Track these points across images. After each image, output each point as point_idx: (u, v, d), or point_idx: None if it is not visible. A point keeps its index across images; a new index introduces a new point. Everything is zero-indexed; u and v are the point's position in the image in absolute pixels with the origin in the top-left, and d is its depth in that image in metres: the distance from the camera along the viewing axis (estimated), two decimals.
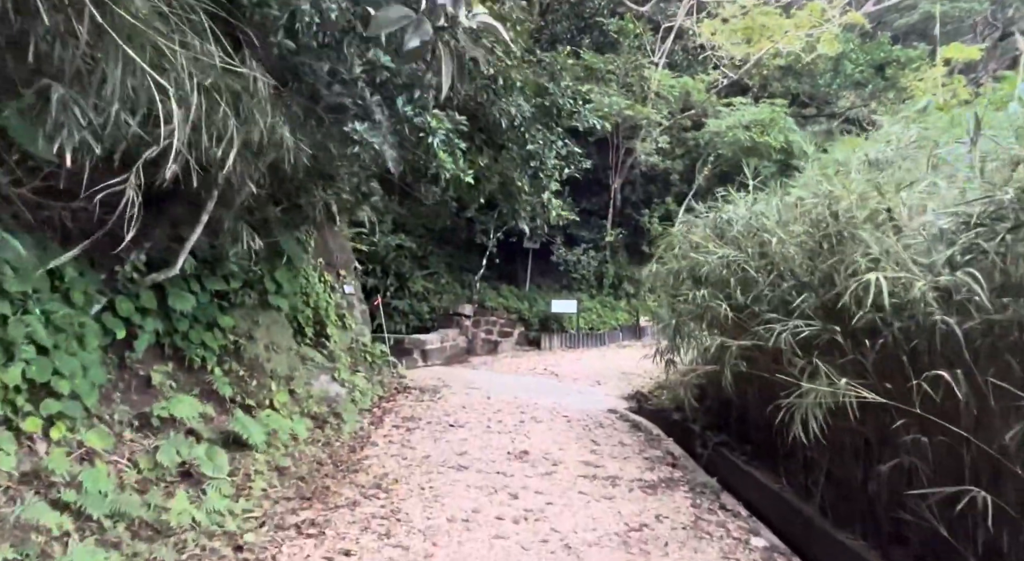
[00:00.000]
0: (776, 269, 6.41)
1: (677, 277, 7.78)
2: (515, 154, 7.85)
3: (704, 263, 6.87)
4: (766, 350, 5.66)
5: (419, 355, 15.22)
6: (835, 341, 4.81)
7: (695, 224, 8.03)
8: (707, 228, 7.50)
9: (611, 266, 17.78)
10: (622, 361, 13.61)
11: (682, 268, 7.57)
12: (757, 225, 6.81)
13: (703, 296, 6.59)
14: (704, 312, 6.67)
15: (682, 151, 17.56)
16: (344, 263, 11.30)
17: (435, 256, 18.56)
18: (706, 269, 6.82)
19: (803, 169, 8.75)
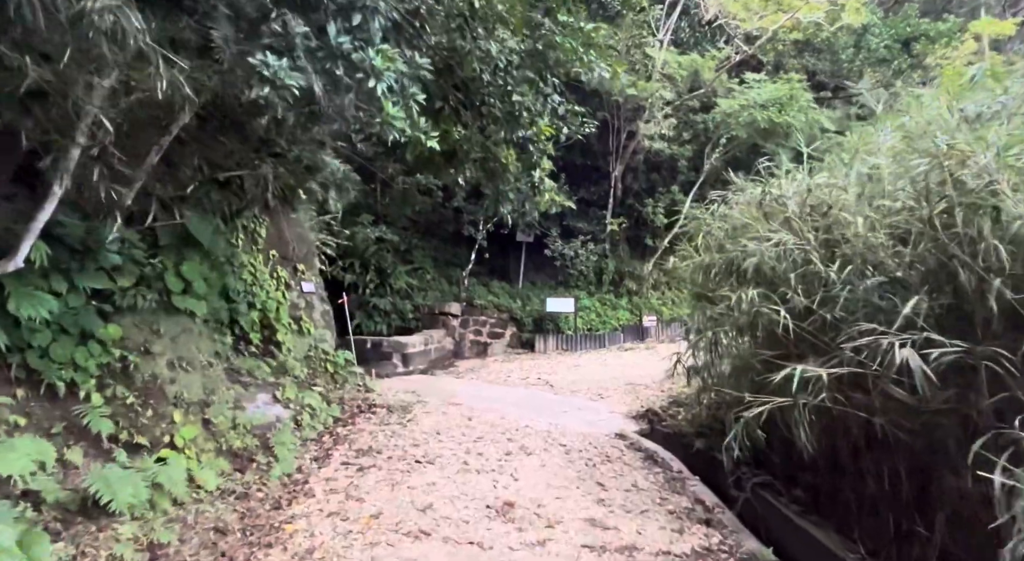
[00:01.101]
0: (852, 260, 4.60)
1: (708, 274, 5.96)
2: (497, 111, 6.00)
3: (750, 254, 5.06)
4: (861, 377, 3.86)
5: (399, 359, 13.40)
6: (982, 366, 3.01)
7: (731, 203, 6.22)
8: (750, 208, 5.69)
9: (611, 261, 15.98)
10: (626, 368, 11.81)
11: (716, 262, 5.75)
12: (824, 202, 5.00)
13: (751, 298, 4.77)
14: (753, 320, 4.85)
15: (689, 135, 15.76)
16: (303, 256, 9.45)
17: (420, 250, 16.73)
18: (752, 262, 5.01)
19: (827, 151, 7.01)
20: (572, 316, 15.09)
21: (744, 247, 5.09)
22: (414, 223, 17.25)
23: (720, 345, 5.65)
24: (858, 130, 7.52)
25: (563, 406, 8.86)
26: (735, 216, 5.90)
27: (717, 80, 15.43)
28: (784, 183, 5.76)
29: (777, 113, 13.50)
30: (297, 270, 9.21)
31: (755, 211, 5.51)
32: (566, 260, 15.22)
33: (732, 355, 5.58)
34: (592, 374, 11.18)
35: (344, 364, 9.06)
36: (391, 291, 15.39)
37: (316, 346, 8.93)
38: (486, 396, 9.36)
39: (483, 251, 15.67)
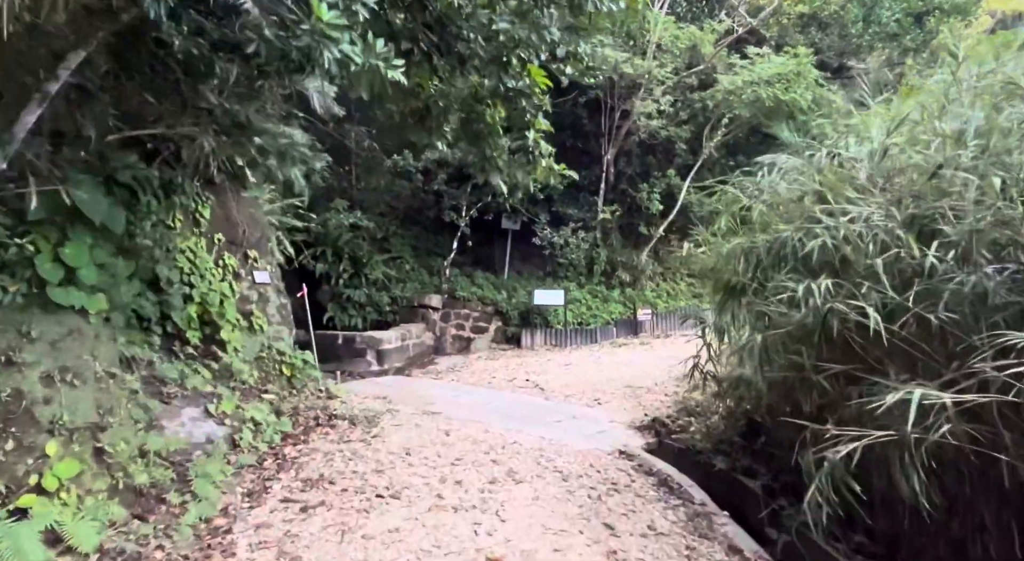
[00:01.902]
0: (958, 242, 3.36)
1: (747, 260, 4.70)
2: (480, 50, 4.67)
3: (813, 233, 3.80)
4: None
5: (374, 357, 12.06)
6: None
7: (781, 171, 4.98)
8: (809, 175, 4.43)
9: (603, 250, 14.72)
10: (622, 367, 10.57)
11: (759, 245, 4.49)
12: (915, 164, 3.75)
13: (823, 289, 3.50)
14: (824, 320, 3.58)
15: (687, 115, 14.50)
16: (257, 241, 8.08)
17: (398, 238, 15.36)
18: (817, 244, 3.74)
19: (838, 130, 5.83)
20: (562, 309, 13.83)
21: (808, 223, 3.82)
22: (392, 209, 15.86)
23: (762, 350, 4.38)
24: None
25: (556, 414, 7.59)
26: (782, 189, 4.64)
27: (717, 56, 14.16)
28: (851, 142, 4.50)
29: (783, 90, 12.28)
30: (248, 257, 7.83)
31: (818, 178, 4.24)
32: (556, 249, 13.93)
33: (780, 364, 4.33)
34: (586, 374, 9.93)
35: (303, 366, 7.72)
36: (366, 282, 14.03)
37: (270, 345, 7.58)
38: (467, 402, 8.06)
39: (466, 239, 14.34)
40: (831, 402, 3.61)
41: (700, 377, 6.48)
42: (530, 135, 5.55)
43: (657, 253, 15.62)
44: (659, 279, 15.37)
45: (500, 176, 5.80)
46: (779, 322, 4.08)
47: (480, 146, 5.68)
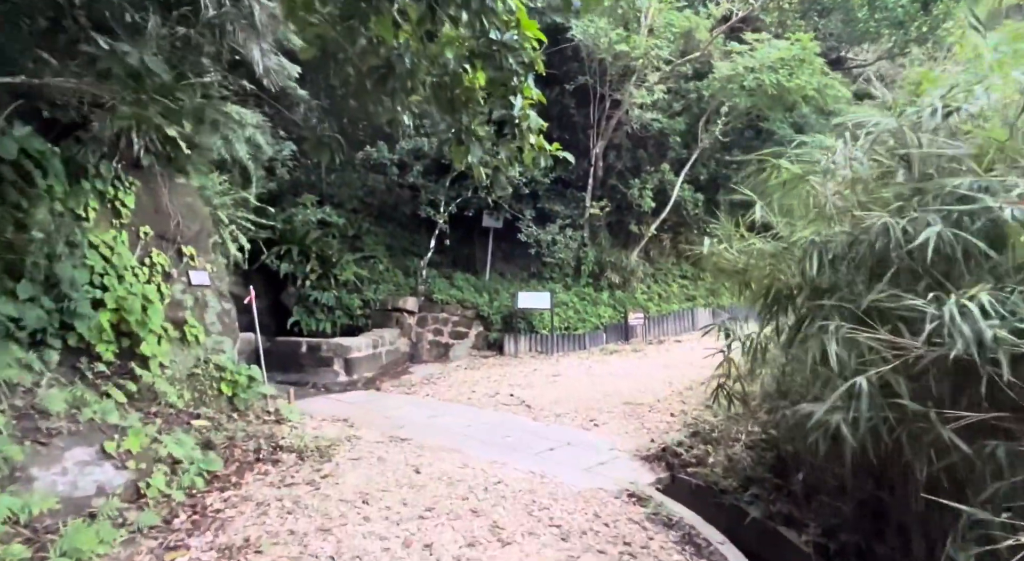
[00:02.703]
0: None
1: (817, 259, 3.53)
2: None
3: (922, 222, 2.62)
4: None
5: (341, 366, 10.77)
6: None
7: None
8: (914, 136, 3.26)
9: (591, 250, 13.56)
10: (617, 379, 9.39)
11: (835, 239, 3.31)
12: None
13: (979, 307, 2.33)
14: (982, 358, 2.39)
15: (681, 106, 13.41)
16: (195, 236, 6.75)
17: (371, 236, 14.06)
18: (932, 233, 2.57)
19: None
20: (548, 313, 12.63)
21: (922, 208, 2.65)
22: (366, 205, 14.55)
23: (867, 392, 3.19)
24: None
25: (547, 440, 6.38)
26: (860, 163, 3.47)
27: (714, 43, 13.08)
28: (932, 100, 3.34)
29: (787, 77, 11.21)
30: (184, 255, 6.51)
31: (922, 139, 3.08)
32: (543, 247, 12.72)
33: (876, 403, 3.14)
34: (577, 388, 8.73)
35: (248, 383, 6.41)
36: (336, 283, 12.72)
37: (207, 360, 6.27)
38: (443, 425, 6.82)
39: (444, 237, 13.10)
40: (969, 469, 2.46)
41: (726, 400, 5.31)
42: (517, 102, 4.33)
43: (648, 253, 14.50)
44: (650, 281, 14.24)
45: (480, 151, 4.56)
46: (887, 350, 2.89)
47: (456, 115, 4.45)
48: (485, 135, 4.48)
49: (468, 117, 4.33)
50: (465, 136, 4.37)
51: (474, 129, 4.38)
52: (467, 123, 4.34)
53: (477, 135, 4.39)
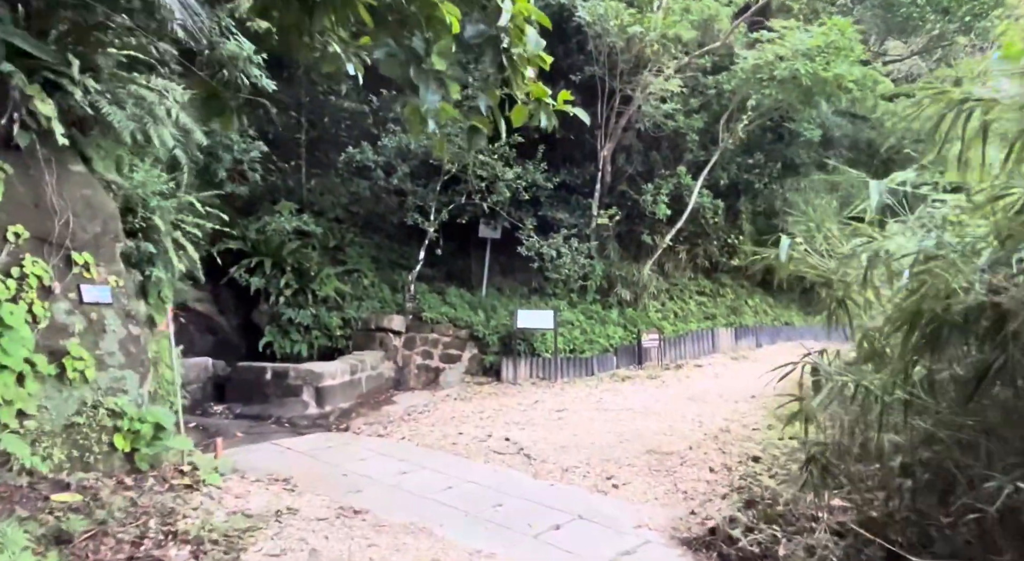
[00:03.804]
0: None
1: None
2: None
3: None
4: None
5: (312, 396, 9.10)
6: None
7: None
8: None
9: (599, 263, 11.91)
10: (635, 414, 7.67)
11: None
12: None
13: None
14: None
15: (699, 102, 11.84)
16: (93, 240, 5.10)
17: (355, 247, 12.44)
18: None
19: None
20: (551, 334, 10.94)
21: None
22: (351, 214, 12.94)
23: None
24: None
25: (551, 511, 4.67)
26: None
27: (735, 32, 11.52)
28: None
29: (824, 66, 9.62)
30: (74, 264, 4.85)
31: None
32: (546, 261, 11.04)
33: None
34: (588, 429, 7.01)
35: (153, 435, 4.72)
36: (314, 300, 11.08)
37: (97, 403, 4.57)
38: (416, 486, 5.11)
39: (435, 248, 11.45)
40: None
41: (819, 472, 3.61)
42: (506, 5, 2.68)
43: (662, 267, 12.82)
44: (665, 297, 12.55)
45: (437, 93, 2.85)
46: None
47: (401, 40, 2.79)
48: (449, 71, 2.81)
49: (419, 37, 2.67)
50: (413, 70, 2.70)
51: (424, 54, 2.70)
52: (418, 46, 2.67)
53: (428, 70, 2.72)
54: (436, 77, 2.74)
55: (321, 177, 12.82)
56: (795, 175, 12.81)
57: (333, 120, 12.48)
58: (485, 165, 10.51)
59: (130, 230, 7.04)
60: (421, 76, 2.68)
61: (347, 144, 11.74)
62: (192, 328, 10.63)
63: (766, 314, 13.47)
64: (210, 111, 3.52)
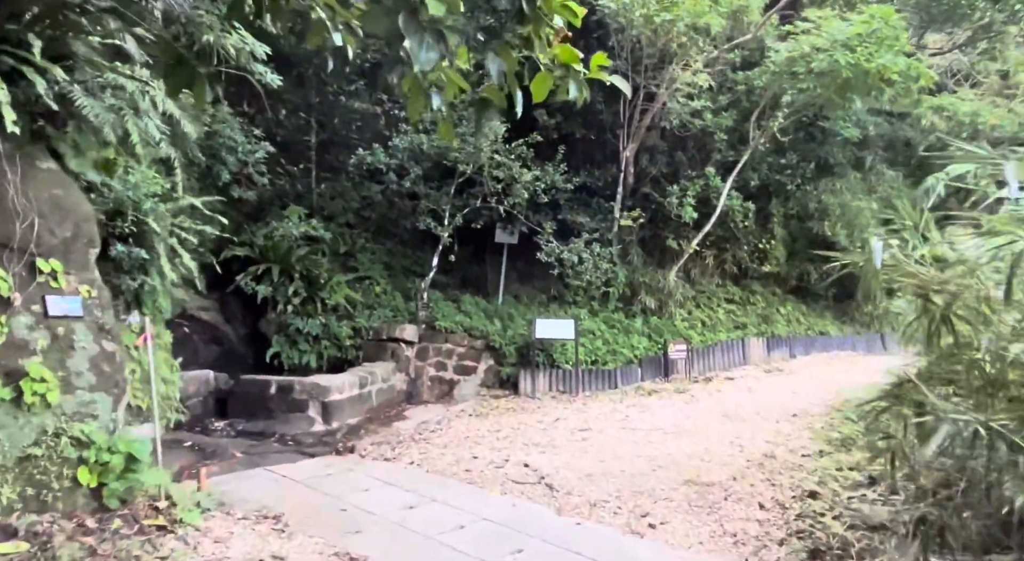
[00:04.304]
0: None
1: None
2: None
3: None
4: None
5: (318, 412, 8.49)
6: None
7: None
8: None
9: (621, 269, 11.20)
10: (666, 435, 6.92)
11: None
12: None
13: None
14: None
15: (727, 100, 11.10)
16: (63, 244, 4.51)
17: (367, 253, 11.85)
18: None
19: None
20: (571, 344, 10.24)
21: None
22: (363, 219, 12.37)
23: None
24: None
25: (579, 559, 3.98)
26: None
27: (767, 25, 10.79)
28: None
29: (866, 57, 8.85)
30: (38, 272, 4.26)
31: None
32: (567, 267, 10.33)
33: None
34: (616, 452, 6.29)
35: (124, 467, 4.10)
36: (323, 308, 10.49)
37: (60, 431, 3.96)
38: (423, 526, 4.42)
39: (448, 253, 10.82)
40: None
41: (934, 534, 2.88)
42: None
43: (688, 273, 12.06)
44: (691, 305, 11.79)
45: (436, 50, 2.12)
46: None
47: None
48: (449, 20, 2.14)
49: None
50: (403, 20, 2.03)
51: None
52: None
53: (430, 14, 2.05)
54: (433, 28, 2.08)
55: (331, 181, 12.27)
56: (829, 176, 12.00)
57: (344, 121, 11.93)
58: (501, 166, 9.85)
59: (120, 234, 6.52)
60: (412, 27, 2.03)
61: (358, 146, 11.17)
62: (196, 338, 10.09)
63: (799, 323, 12.63)
64: (177, 81, 2.89)
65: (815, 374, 10.65)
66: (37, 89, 4.08)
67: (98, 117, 4.50)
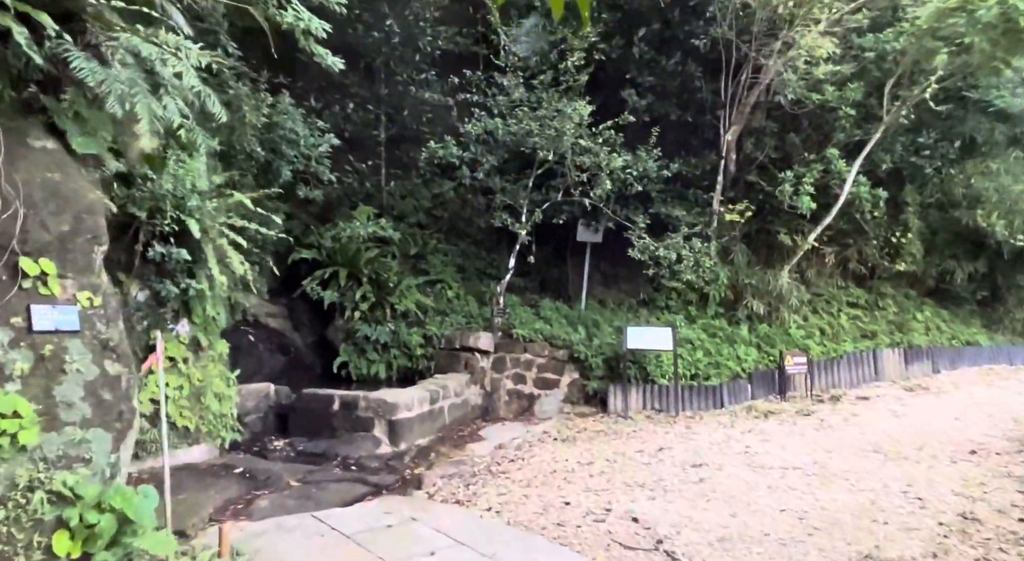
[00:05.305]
0: None
1: None
2: None
3: None
4: None
5: (384, 431, 7.45)
6: None
7: None
8: None
9: (722, 269, 9.60)
10: (808, 478, 5.34)
11: None
12: None
13: None
14: None
15: (852, 69, 9.28)
16: (58, 242, 3.53)
17: (438, 255, 10.81)
18: None
19: None
20: (668, 356, 8.75)
21: None
22: (434, 219, 11.36)
23: None
24: None
25: None
26: None
27: None
28: None
29: None
30: (21, 274, 3.30)
31: None
32: (662, 266, 8.84)
33: None
34: (747, 502, 4.80)
35: (116, 529, 3.05)
36: (392, 314, 9.52)
37: (37, 482, 2.95)
38: None
39: (526, 253, 9.58)
40: None
41: None
42: None
43: (803, 272, 10.27)
44: (807, 311, 9.99)
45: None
46: None
47: None
48: None
49: None
50: None
51: None
52: None
53: None
54: None
55: (401, 178, 11.33)
56: (978, 156, 9.90)
57: (413, 114, 10.94)
58: (586, 152, 8.50)
59: (161, 234, 5.68)
60: None
61: (429, 141, 10.16)
62: (261, 347, 9.32)
63: (940, 331, 10.51)
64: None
65: (973, 394, 8.65)
66: (16, 39, 3.13)
67: (107, 84, 3.54)
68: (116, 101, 3.58)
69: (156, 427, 5.82)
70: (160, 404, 3.70)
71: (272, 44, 5.81)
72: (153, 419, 5.80)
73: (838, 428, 7.11)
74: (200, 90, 4.13)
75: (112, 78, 3.62)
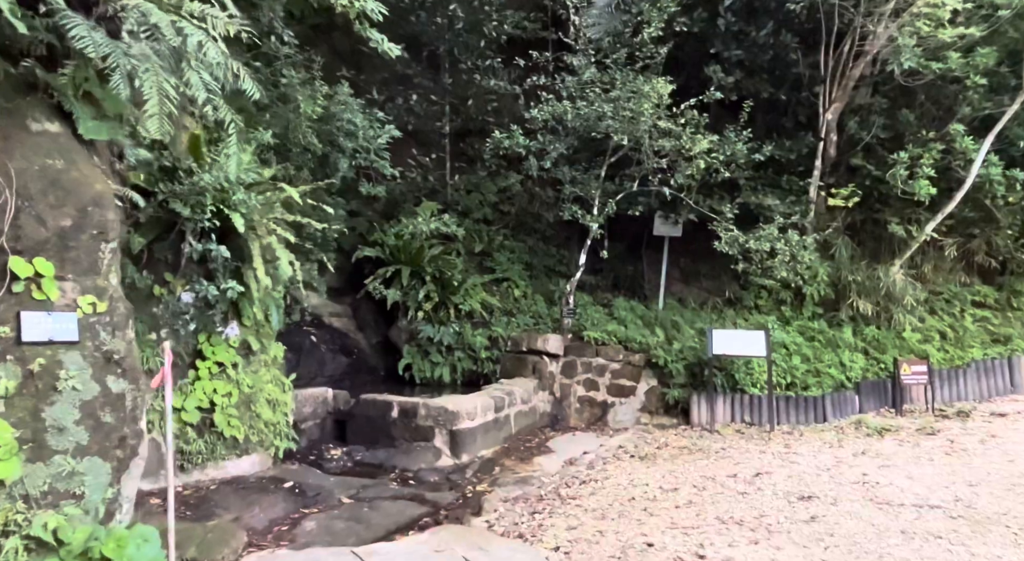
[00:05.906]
0: None
1: None
2: None
3: None
4: None
5: (445, 442, 6.84)
6: None
7: None
8: None
9: (820, 264, 8.36)
10: (957, 525, 4.24)
11: None
12: None
13: None
14: None
15: (982, 31, 7.80)
16: (57, 238, 3.02)
17: (505, 252, 10.13)
18: None
19: None
20: (762, 362, 7.66)
21: None
22: (501, 214, 10.68)
23: None
24: None
25: None
26: None
27: None
28: None
29: None
30: (11, 275, 2.81)
31: None
32: (753, 261, 7.73)
33: None
34: (879, 550, 3.80)
35: None
36: (457, 315, 8.93)
37: (13, 525, 2.42)
38: None
39: (598, 249, 8.71)
40: None
41: None
42: None
43: (918, 268, 8.84)
44: (923, 310, 8.56)
45: None
46: None
47: None
48: None
49: None
50: None
51: None
52: None
53: None
54: None
55: (466, 172, 10.71)
56: None
57: (478, 104, 10.29)
58: (666, 135, 7.51)
59: (201, 230, 5.25)
60: None
61: (494, 132, 9.46)
62: (324, 348, 8.95)
63: None
64: None
65: None
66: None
67: (106, 59, 3.02)
68: (122, 78, 3.05)
69: (203, 436, 5.45)
70: (167, 422, 3.15)
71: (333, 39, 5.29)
72: (201, 428, 5.41)
73: (976, 453, 5.84)
74: (224, 63, 3.57)
75: (119, 51, 3.10)
